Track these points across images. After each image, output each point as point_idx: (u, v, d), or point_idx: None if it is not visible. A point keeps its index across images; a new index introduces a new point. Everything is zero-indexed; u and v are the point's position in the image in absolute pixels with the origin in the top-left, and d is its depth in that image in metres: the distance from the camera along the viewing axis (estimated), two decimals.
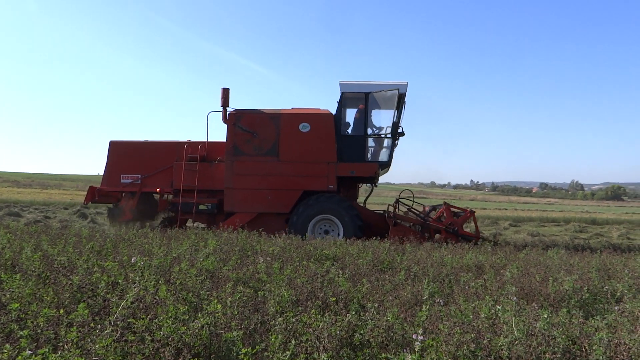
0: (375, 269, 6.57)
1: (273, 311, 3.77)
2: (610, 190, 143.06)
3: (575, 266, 7.20)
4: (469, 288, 5.31)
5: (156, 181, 12.77)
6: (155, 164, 12.83)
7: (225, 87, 12.22)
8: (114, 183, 12.85)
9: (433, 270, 6.23)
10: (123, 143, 13.25)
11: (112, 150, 13.07)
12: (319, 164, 12.00)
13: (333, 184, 11.98)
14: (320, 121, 12.14)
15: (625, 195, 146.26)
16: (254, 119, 12.24)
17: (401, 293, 4.86)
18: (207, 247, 7.30)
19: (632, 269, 7.07)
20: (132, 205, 12.60)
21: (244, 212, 12.08)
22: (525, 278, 5.81)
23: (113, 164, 12.96)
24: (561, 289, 5.23)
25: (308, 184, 12.04)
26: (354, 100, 12.43)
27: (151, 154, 13.03)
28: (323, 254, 7.55)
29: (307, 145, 12.04)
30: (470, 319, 3.59)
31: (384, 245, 8.66)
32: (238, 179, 12.07)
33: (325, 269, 6.01)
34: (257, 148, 12.12)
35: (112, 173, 12.89)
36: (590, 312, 4.83)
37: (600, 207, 60.52)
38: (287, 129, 12.13)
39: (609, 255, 8.93)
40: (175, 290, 4.03)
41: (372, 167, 12.17)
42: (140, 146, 13.28)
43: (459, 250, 8.56)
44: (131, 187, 12.73)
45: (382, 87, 12.09)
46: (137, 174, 12.74)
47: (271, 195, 12.04)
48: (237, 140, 12.14)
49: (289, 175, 12.04)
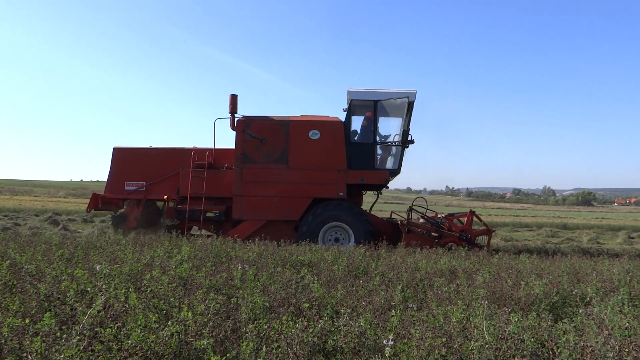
0: (350, 274, 6.58)
1: (245, 318, 3.74)
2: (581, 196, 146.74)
3: (546, 270, 7.34)
4: (441, 293, 5.35)
5: (162, 188, 12.55)
6: (160, 170, 12.62)
7: (233, 94, 12.12)
8: (117, 190, 12.59)
9: (407, 276, 6.27)
10: (127, 149, 12.96)
11: (115, 156, 12.81)
12: (329, 171, 11.97)
13: (343, 192, 11.96)
14: (331, 128, 12.11)
15: (595, 200, 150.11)
16: (263, 126, 12.13)
17: (375, 298, 4.87)
18: (181, 253, 7.21)
19: (600, 272, 7.23)
20: (136, 212, 12.39)
21: (252, 220, 11.96)
22: (497, 282, 5.89)
23: (117, 171, 12.69)
24: (532, 293, 5.31)
25: (318, 191, 12.00)
26: (362, 107, 12.46)
27: (156, 160, 12.79)
28: (299, 260, 7.53)
29: (317, 153, 12.00)
30: (441, 323, 3.62)
31: (359, 250, 8.68)
32: (247, 186, 11.97)
33: (300, 275, 6.00)
34: (266, 155, 12.02)
35: (116, 180, 12.63)
36: (560, 316, 4.91)
37: (572, 212, 61.93)
38: (297, 136, 12.07)
39: (578, 259, 9.12)
40: (145, 298, 3.97)
41: (383, 175, 12.22)
42: (145, 153, 13.02)
43: (433, 255, 8.63)
44: (136, 194, 12.49)
45: (391, 95, 12.17)
46: (141, 181, 12.51)
47: (280, 202, 11.96)
48: (246, 147, 12.03)
49: (299, 182, 11.97)
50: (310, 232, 11.54)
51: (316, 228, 11.64)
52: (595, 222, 31.70)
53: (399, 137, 12.43)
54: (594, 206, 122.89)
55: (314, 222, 11.65)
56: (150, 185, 12.51)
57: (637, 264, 8.50)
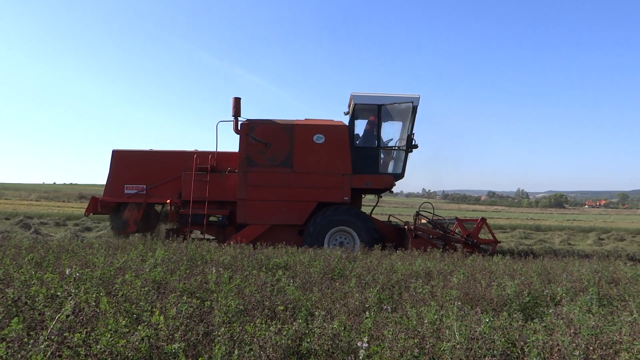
0: (326, 277, 6.59)
1: (219, 321, 3.71)
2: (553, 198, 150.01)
3: (518, 271, 7.46)
4: (416, 294, 5.40)
5: (162, 192, 12.32)
6: (161, 174, 12.39)
7: (236, 97, 12.00)
8: (117, 194, 12.31)
9: (383, 278, 6.31)
10: (127, 152, 12.71)
11: (115, 159, 12.54)
12: (334, 175, 11.96)
13: (348, 196, 11.97)
14: (335, 133, 12.08)
15: (567, 203, 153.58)
16: (267, 130, 12.05)
17: (350, 301, 4.88)
18: (155, 257, 7.12)
19: (570, 273, 7.39)
20: (137, 216, 12.14)
21: (256, 224, 11.89)
22: (470, 283, 5.97)
23: (116, 174, 12.41)
24: (503, 294, 5.41)
25: (323, 195, 11.97)
26: (366, 112, 12.50)
27: (157, 163, 12.57)
28: (275, 262, 7.51)
29: (322, 157, 11.96)
30: (414, 324, 3.65)
31: (335, 253, 8.70)
32: (251, 190, 11.89)
33: (276, 278, 5.99)
34: (270, 159, 11.96)
35: (115, 183, 12.35)
36: (531, 315, 5.01)
37: (544, 214, 63.17)
38: (301, 140, 12.02)
39: (550, 260, 9.30)
40: (117, 302, 3.90)
41: (388, 179, 12.24)
42: (145, 156, 12.79)
43: (409, 257, 8.70)
44: (136, 197, 12.23)
45: (395, 99, 12.24)
46: (142, 185, 12.26)
47: (285, 206, 11.90)
48: (251, 151, 11.94)
49: (304, 186, 11.93)
50: (316, 236, 11.51)
51: (322, 232, 11.61)
52: (567, 224, 32.41)
53: (403, 142, 12.46)
54: (565, 208, 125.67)
55: (320, 226, 11.61)
56: (151, 189, 12.28)
57: (606, 264, 8.70)
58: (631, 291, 6.06)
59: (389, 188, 12.53)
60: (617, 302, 5.70)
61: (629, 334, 3.73)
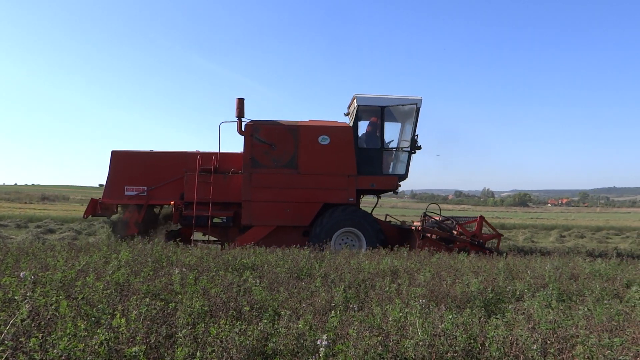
0: (293, 277, 6.58)
1: (183, 323, 3.66)
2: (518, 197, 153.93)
3: (483, 268, 7.61)
4: (382, 293, 5.45)
5: (164, 193, 12.12)
6: (162, 175, 12.19)
7: (240, 98, 11.88)
8: (117, 195, 12.07)
9: (350, 277, 6.34)
10: (127, 153, 12.47)
11: (114, 160, 12.27)
12: (339, 176, 11.98)
13: (353, 197, 12.00)
14: (340, 134, 12.08)
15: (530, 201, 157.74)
16: (271, 131, 11.97)
17: (316, 300, 4.89)
18: (119, 258, 6.97)
19: (533, 269, 7.58)
20: (137, 218, 11.94)
21: (262, 226, 11.80)
22: (436, 281, 6.06)
23: (116, 175, 12.16)
24: (468, 291, 5.51)
25: (328, 196, 11.97)
26: (369, 113, 12.52)
27: (158, 164, 12.36)
28: (242, 263, 7.46)
29: (327, 158, 11.95)
30: (379, 322, 3.68)
31: (303, 253, 8.70)
32: (256, 191, 11.79)
33: (242, 279, 5.95)
34: (275, 160, 11.88)
35: (115, 185, 12.10)
36: (494, 311, 5.11)
37: (509, 213, 64.70)
38: (306, 141, 11.99)
39: (513, 257, 9.51)
40: (77, 305, 3.80)
41: (393, 180, 12.33)
42: (146, 157, 12.56)
43: (376, 256, 8.76)
44: (137, 199, 12.01)
45: (399, 101, 12.31)
46: (142, 186, 12.05)
47: (290, 208, 11.86)
48: (255, 152, 11.83)
49: (309, 187, 11.91)
50: (323, 237, 11.45)
51: (329, 233, 11.59)
52: (531, 222, 33.26)
53: (406, 143, 12.53)
54: (529, 207, 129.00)
55: (326, 228, 11.60)
56: (152, 191, 12.09)
57: (566, 261, 8.96)
58: (589, 286, 6.26)
59: (393, 189, 12.63)
60: (576, 297, 5.89)
61: (585, 328, 3.86)
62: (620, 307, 4.96)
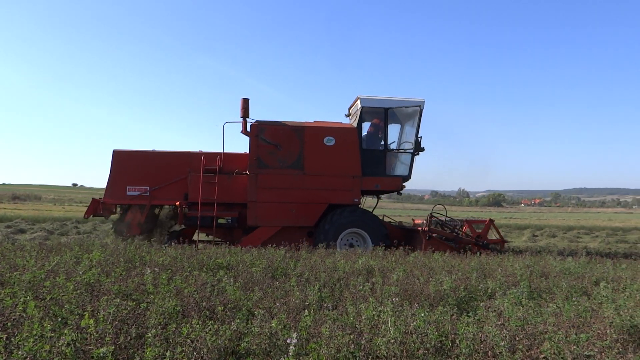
0: (268, 276, 6.56)
1: (155, 323, 3.62)
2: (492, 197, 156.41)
3: (456, 267, 7.72)
4: (357, 291, 5.47)
5: (167, 193, 11.94)
6: (165, 175, 12.02)
7: (245, 98, 11.78)
8: (118, 195, 11.83)
9: (325, 276, 6.35)
10: (129, 153, 12.26)
11: (116, 160, 12.06)
12: (345, 177, 12.05)
13: (358, 198, 12.10)
14: (345, 135, 12.12)
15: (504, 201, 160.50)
16: (277, 131, 11.95)
17: (290, 299, 4.88)
18: (91, 258, 6.85)
19: (505, 268, 7.71)
20: (140, 218, 11.73)
21: (267, 226, 11.79)
22: (409, 280, 6.12)
23: (118, 175, 11.93)
24: (441, 289, 5.57)
25: (334, 197, 12.02)
26: (372, 114, 12.54)
27: (161, 164, 12.18)
28: (217, 262, 7.41)
29: (332, 159, 12.00)
30: (352, 321, 3.69)
31: (279, 252, 8.68)
32: (262, 192, 11.77)
33: (216, 278, 5.90)
34: (281, 161, 11.88)
35: (117, 184, 11.86)
36: (466, 309, 5.18)
37: (483, 213, 65.67)
38: (312, 142, 12.00)
39: (486, 256, 9.64)
40: (45, 306, 3.72)
41: (397, 181, 12.45)
42: (148, 156, 12.36)
43: (352, 255, 8.80)
44: (139, 199, 11.80)
45: (402, 103, 12.40)
46: (145, 186, 11.83)
47: (296, 208, 11.87)
48: (261, 153, 11.80)
49: (314, 188, 11.93)
50: (330, 237, 11.49)
51: (336, 233, 11.67)
52: (504, 222, 33.78)
53: (409, 145, 12.61)
54: (503, 207, 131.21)
55: (333, 228, 11.67)
56: (155, 191, 11.89)
57: (538, 259, 9.13)
58: (559, 284, 6.40)
59: (398, 190, 12.75)
60: (546, 294, 6.01)
61: (553, 324, 3.94)
62: (588, 304, 5.08)
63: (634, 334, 4.04)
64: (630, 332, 4.07)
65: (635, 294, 5.64)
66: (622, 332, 4.04)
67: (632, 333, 4.07)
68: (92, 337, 2.99)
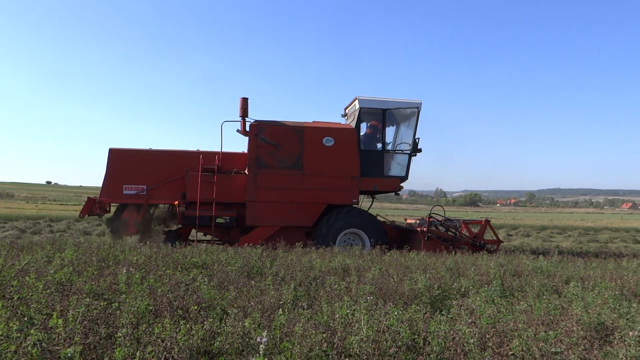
0: (244, 275, 6.53)
1: (125, 322, 3.57)
2: (469, 197, 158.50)
3: (431, 266, 7.79)
4: (332, 290, 5.48)
5: (164, 192, 11.82)
6: (162, 174, 11.89)
7: (244, 97, 11.75)
8: (114, 194, 11.68)
9: (301, 275, 6.35)
10: (125, 151, 12.09)
11: (112, 158, 11.85)
12: (343, 178, 12.09)
13: (357, 198, 12.20)
14: (344, 136, 12.15)
15: (480, 201, 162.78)
16: (276, 131, 11.93)
17: (265, 298, 4.87)
18: (63, 257, 6.72)
19: (479, 267, 7.82)
20: (137, 218, 11.60)
21: (266, 226, 11.80)
22: (385, 278, 6.16)
23: (114, 174, 11.77)
24: (415, 288, 5.62)
25: (332, 197, 12.07)
26: (371, 115, 12.63)
27: (158, 163, 12.06)
28: (192, 262, 7.35)
29: (331, 159, 12.01)
30: (326, 320, 3.70)
31: (255, 251, 8.65)
32: (261, 192, 11.77)
33: (191, 277, 5.85)
34: (280, 161, 11.88)
35: (113, 183, 11.70)
36: (440, 308, 5.24)
37: (460, 212, 66.43)
38: (311, 142, 12.01)
39: (461, 255, 9.75)
40: (12, 306, 3.64)
41: (395, 182, 12.59)
42: (145, 155, 12.23)
43: (328, 254, 8.82)
44: (136, 198, 11.65)
45: (400, 104, 12.51)
46: (142, 185, 11.70)
47: (295, 208, 11.90)
48: (260, 153, 11.78)
49: (314, 188, 11.95)
50: (329, 237, 11.56)
51: (335, 233, 11.73)
52: None
53: (407, 146, 12.72)
54: (479, 206, 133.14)
55: (333, 228, 11.71)
56: (152, 190, 11.75)
57: (511, 258, 9.27)
58: (531, 282, 6.51)
59: (396, 190, 12.92)
60: (518, 292, 6.11)
61: (523, 322, 4.02)
62: (558, 302, 5.18)
63: (601, 331, 4.15)
64: (597, 329, 4.17)
65: (603, 292, 5.77)
66: (590, 329, 4.14)
67: (599, 330, 4.17)
68: (59, 337, 2.94)
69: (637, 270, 8.24)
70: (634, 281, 6.77)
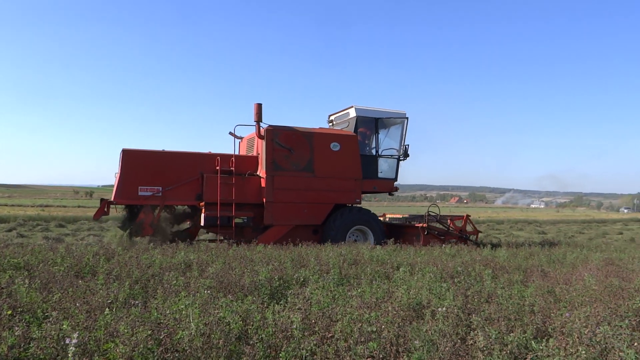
0: (72, 275, 6.02)
1: None
2: None
3: (275, 258, 7.94)
4: (170, 286, 5.31)
5: (179, 194, 11.91)
6: (177, 175, 11.93)
7: (258, 103, 12.34)
8: (130, 195, 11.45)
9: (138, 272, 6.05)
10: (140, 152, 11.99)
11: (126, 159, 11.63)
12: (349, 180, 13.14)
13: (359, 198, 13.36)
14: (349, 141, 13.20)
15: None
16: (289, 136, 12.64)
17: (93, 298, 4.54)
18: None
19: (320, 257, 8.14)
20: (153, 219, 11.52)
21: (282, 225, 12.40)
22: (226, 272, 6.13)
23: (129, 175, 11.54)
24: (256, 279, 5.68)
25: (339, 198, 13.12)
26: (365, 123, 13.89)
27: (173, 165, 12.10)
28: (12, 262, 6.61)
29: (338, 163, 13.03)
30: (156, 316, 3.56)
31: (91, 249, 8.03)
32: (278, 193, 12.37)
33: (6, 279, 5.24)
34: (294, 164, 12.60)
35: (128, 185, 11.47)
36: (278, 298, 5.35)
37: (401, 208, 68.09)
38: (320, 147, 12.91)
39: (305, 247, 10.06)
40: None
41: (391, 184, 14.05)
42: (160, 156, 12.21)
43: (170, 250, 8.58)
44: (152, 200, 11.52)
45: (391, 114, 14.08)
46: (157, 186, 11.63)
47: (307, 208, 12.70)
48: (276, 156, 12.40)
49: (323, 190, 12.87)
50: (339, 234, 12.49)
51: (343, 231, 12.74)
52: None
53: (396, 151, 14.08)
54: None
55: (341, 226, 12.73)
56: (167, 191, 11.72)
57: (352, 249, 9.76)
58: (366, 270, 6.98)
59: (391, 191, 14.29)
60: (354, 279, 6.50)
61: (351, 307, 4.28)
62: (387, 287, 5.63)
63: (418, 310, 4.60)
64: (415, 309, 4.61)
65: (426, 275, 6.40)
66: (409, 309, 4.56)
67: (417, 309, 4.62)
68: None
69: (455, 255, 9.30)
70: (451, 265, 7.62)
